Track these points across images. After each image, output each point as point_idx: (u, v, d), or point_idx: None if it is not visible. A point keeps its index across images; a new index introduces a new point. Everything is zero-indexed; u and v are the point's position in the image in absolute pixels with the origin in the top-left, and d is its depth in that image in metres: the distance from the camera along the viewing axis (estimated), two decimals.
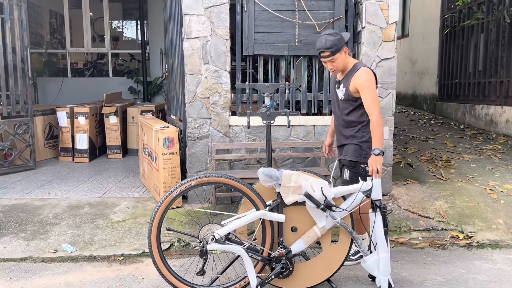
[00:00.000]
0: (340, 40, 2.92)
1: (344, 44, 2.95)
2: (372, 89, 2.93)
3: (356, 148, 3.07)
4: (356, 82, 2.95)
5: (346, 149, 3.13)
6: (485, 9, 7.42)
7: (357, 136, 3.07)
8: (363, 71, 2.96)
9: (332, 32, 2.96)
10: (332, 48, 2.91)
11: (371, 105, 2.91)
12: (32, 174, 5.55)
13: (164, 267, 2.71)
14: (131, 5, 10.12)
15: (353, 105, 3.04)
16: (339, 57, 2.96)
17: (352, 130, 3.09)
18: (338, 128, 3.22)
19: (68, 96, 8.49)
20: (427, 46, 9.65)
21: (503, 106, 6.94)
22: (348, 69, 3.04)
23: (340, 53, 2.94)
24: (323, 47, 2.93)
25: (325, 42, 2.91)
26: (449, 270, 3.30)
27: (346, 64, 3.03)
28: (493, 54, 7.23)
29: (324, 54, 2.95)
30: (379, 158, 2.80)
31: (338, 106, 3.16)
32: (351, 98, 3.02)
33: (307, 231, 2.81)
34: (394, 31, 4.36)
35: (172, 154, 4.31)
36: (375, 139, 2.87)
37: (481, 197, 4.44)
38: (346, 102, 3.07)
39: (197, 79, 4.34)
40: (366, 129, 3.03)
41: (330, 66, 3.01)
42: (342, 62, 2.99)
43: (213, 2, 4.26)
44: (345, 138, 3.14)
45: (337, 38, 2.92)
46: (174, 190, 2.69)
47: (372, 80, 2.96)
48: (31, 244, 3.63)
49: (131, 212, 4.20)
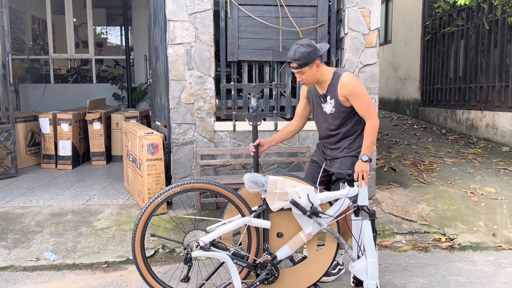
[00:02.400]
0: (311, 53, 2.70)
1: (316, 57, 2.72)
2: (363, 93, 2.78)
3: (353, 161, 2.86)
4: (345, 91, 2.77)
5: (342, 162, 2.90)
6: (464, 16, 7.60)
7: (352, 147, 2.89)
8: (347, 77, 2.78)
9: (305, 43, 2.73)
10: (299, 60, 2.70)
11: (368, 110, 2.77)
12: (13, 182, 5.45)
13: (148, 273, 2.69)
14: (115, 11, 10.08)
15: (346, 116, 2.85)
16: (308, 71, 2.74)
17: (346, 142, 2.90)
18: (326, 142, 3.00)
19: (51, 102, 8.38)
20: (409, 52, 9.82)
21: (483, 111, 7.09)
22: (328, 79, 2.83)
23: (310, 66, 2.73)
24: (291, 57, 2.73)
25: (294, 53, 2.71)
26: (432, 272, 3.35)
27: (320, 76, 2.82)
28: (473, 60, 7.40)
29: (292, 65, 2.75)
30: (366, 165, 2.74)
31: (326, 120, 2.93)
32: (343, 108, 2.82)
33: (293, 237, 2.81)
34: (376, 37, 4.43)
35: (156, 160, 4.29)
36: (366, 145, 2.77)
37: (462, 200, 4.52)
38: (338, 114, 2.86)
39: (182, 85, 4.34)
40: (361, 137, 2.86)
41: (299, 78, 2.82)
42: (312, 76, 2.78)
43: (197, 8, 4.27)
44: (338, 151, 2.92)
45: (308, 51, 2.69)
46: (159, 197, 2.68)
47: (360, 84, 2.82)
48: (13, 253, 3.57)
49: (115, 219, 4.16)
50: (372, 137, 2.78)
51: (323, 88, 2.88)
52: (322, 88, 2.89)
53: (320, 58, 2.78)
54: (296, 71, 2.78)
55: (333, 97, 2.84)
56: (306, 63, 2.71)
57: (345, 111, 2.84)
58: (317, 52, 2.74)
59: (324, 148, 3.04)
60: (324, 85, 2.87)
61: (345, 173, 2.87)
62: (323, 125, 2.98)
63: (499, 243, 3.91)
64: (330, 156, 2.98)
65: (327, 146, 3.01)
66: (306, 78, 2.79)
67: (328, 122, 2.93)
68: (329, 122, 2.92)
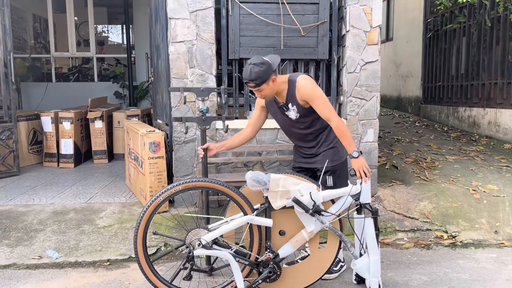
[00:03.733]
0: (265, 71, 2.75)
1: (271, 73, 2.78)
2: (320, 94, 2.84)
3: (334, 151, 3.00)
4: (302, 94, 2.83)
5: (324, 155, 3.00)
6: (466, 13, 7.57)
7: (329, 139, 3.00)
8: (302, 81, 2.85)
9: (257, 62, 2.76)
10: (256, 80, 2.75)
11: (326, 111, 2.82)
12: (16, 180, 5.47)
13: (150, 271, 2.70)
14: (116, 10, 10.08)
15: (311, 116, 2.92)
16: (266, 87, 2.80)
17: (322, 136, 3.00)
18: (302, 142, 3.08)
19: (53, 101, 8.39)
20: (411, 49, 9.80)
21: (485, 108, 7.07)
22: (285, 88, 2.90)
23: (267, 83, 2.78)
24: (247, 78, 2.78)
25: (250, 73, 2.75)
26: (434, 270, 3.35)
27: (277, 88, 2.88)
28: (475, 57, 7.38)
29: (249, 84, 2.81)
30: (361, 159, 2.75)
31: (294, 125, 3.01)
32: (306, 111, 2.90)
33: (295, 235, 2.81)
34: (378, 34, 4.41)
35: (158, 158, 4.30)
36: (346, 144, 2.81)
37: (465, 197, 4.52)
38: (304, 117, 2.93)
39: (183, 83, 4.34)
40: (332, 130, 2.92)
41: (258, 95, 2.88)
42: (270, 90, 2.84)
43: (198, 6, 4.27)
44: (317, 147, 3.02)
45: (262, 70, 2.74)
46: (161, 195, 2.68)
47: (315, 86, 2.86)
48: (15, 251, 3.58)
49: (117, 217, 4.17)
50: (345, 137, 2.80)
51: (282, 97, 2.94)
52: (281, 97, 2.94)
53: (274, 73, 2.82)
54: (254, 90, 2.84)
55: (294, 104, 2.90)
56: (263, 81, 2.77)
57: (310, 112, 2.90)
58: (271, 67, 2.79)
59: (301, 148, 3.12)
60: (282, 94, 2.92)
61: (329, 166, 2.94)
62: (292, 129, 3.05)
63: (501, 240, 3.90)
64: (309, 154, 3.06)
65: (303, 146, 3.09)
66: (265, 94, 2.86)
67: (296, 126, 3.01)
68: (298, 125, 3.00)
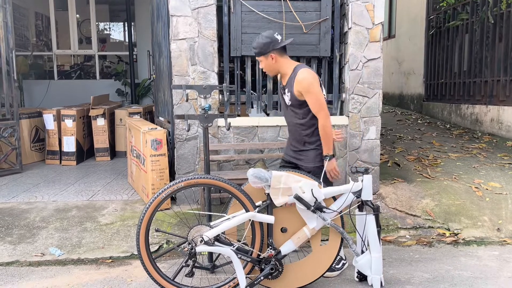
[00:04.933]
0: (266, 45, 2.86)
1: (270, 49, 2.87)
2: (314, 90, 2.86)
3: (316, 154, 2.99)
4: (300, 86, 2.87)
5: (306, 155, 3.03)
6: (469, 10, 7.54)
7: (312, 141, 2.99)
8: (303, 73, 2.88)
9: (266, 34, 2.90)
10: (256, 49, 2.92)
11: (316, 107, 2.88)
12: (18, 178, 5.48)
13: (153, 268, 2.71)
14: (118, 7, 10.07)
15: (301, 109, 2.96)
16: (264, 60, 2.92)
17: (306, 136, 3.00)
18: (291, 134, 3.14)
19: (55, 98, 8.40)
20: (413, 46, 9.77)
21: (488, 105, 7.05)
22: (288, 73, 2.96)
23: (266, 57, 2.90)
24: (252, 45, 2.97)
25: (255, 41, 2.93)
26: (436, 267, 3.34)
27: (279, 69, 2.97)
28: (477, 54, 7.35)
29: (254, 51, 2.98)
30: (331, 163, 2.91)
31: (287, 111, 3.09)
32: (297, 102, 2.94)
33: (297, 232, 2.82)
34: (380, 31, 4.40)
35: (160, 155, 4.30)
36: (324, 144, 2.90)
37: (467, 195, 4.51)
38: (294, 107, 2.99)
39: (185, 80, 4.34)
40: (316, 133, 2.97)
41: (260, 66, 3.01)
42: (268, 66, 2.95)
43: (200, 3, 4.26)
44: (301, 144, 3.05)
45: (264, 42, 2.87)
46: (163, 192, 2.68)
47: (313, 81, 2.87)
48: (18, 248, 3.59)
49: (120, 215, 4.17)
50: (325, 136, 2.90)
51: (284, 80, 3.04)
52: (284, 80, 3.06)
53: (277, 51, 2.91)
54: (256, 58, 3.00)
55: (290, 91, 2.98)
56: (260, 53, 2.91)
57: (300, 104, 2.95)
58: (273, 45, 2.87)
59: (291, 141, 3.16)
60: (285, 77, 3.02)
61: (310, 167, 2.98)
62: (286, 116, 3.16)
63: (503, 237, 3.90)
64: (296, 148, 3.11)
65: (291, 138, 3.15)
66: (263, 66, 2.98)
67: (288, 113, 3.10)
68: (289, 113, 3.08)
